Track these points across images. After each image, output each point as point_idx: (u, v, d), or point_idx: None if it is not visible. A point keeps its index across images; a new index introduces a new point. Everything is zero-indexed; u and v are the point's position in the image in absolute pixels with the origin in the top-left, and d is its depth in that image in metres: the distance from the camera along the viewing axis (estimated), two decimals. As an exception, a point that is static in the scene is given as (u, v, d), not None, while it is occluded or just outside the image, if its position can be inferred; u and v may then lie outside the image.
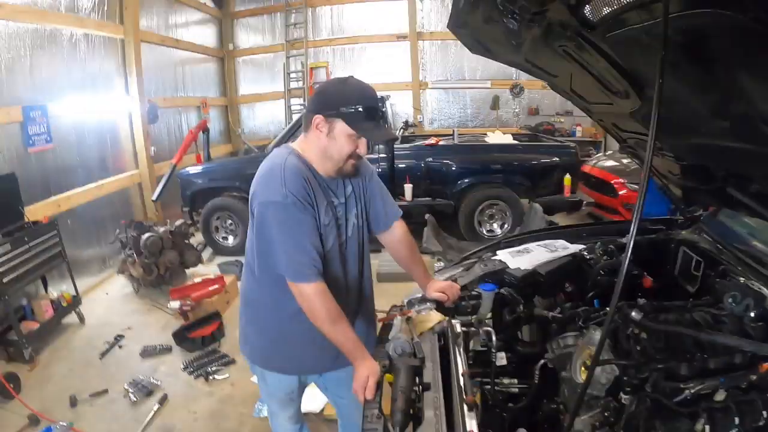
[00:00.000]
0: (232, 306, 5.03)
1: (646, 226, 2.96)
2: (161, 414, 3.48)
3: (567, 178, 6.50)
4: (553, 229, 3.12)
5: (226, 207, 6.66)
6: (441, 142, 7.03)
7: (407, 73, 10.54)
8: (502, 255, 2.57)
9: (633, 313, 1.80)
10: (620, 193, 6.56)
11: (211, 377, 3.89)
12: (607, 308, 2.04)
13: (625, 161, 6.80)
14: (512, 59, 2.33)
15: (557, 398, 2.10)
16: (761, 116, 1.52)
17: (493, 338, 2.08)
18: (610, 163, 7.27)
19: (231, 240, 6.79)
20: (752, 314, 1.92)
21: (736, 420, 1.56)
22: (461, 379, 1.72)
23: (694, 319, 1.89)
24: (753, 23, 1.05)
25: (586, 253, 2.54)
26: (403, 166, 6.66)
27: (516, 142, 7.30)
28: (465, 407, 1.58)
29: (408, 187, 6.54)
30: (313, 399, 3.27)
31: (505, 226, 6.62)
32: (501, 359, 2.10)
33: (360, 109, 1.79)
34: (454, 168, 6.67)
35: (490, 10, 1.79)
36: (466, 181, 6.63)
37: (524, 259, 2.50)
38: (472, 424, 1.52)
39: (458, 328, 2.05)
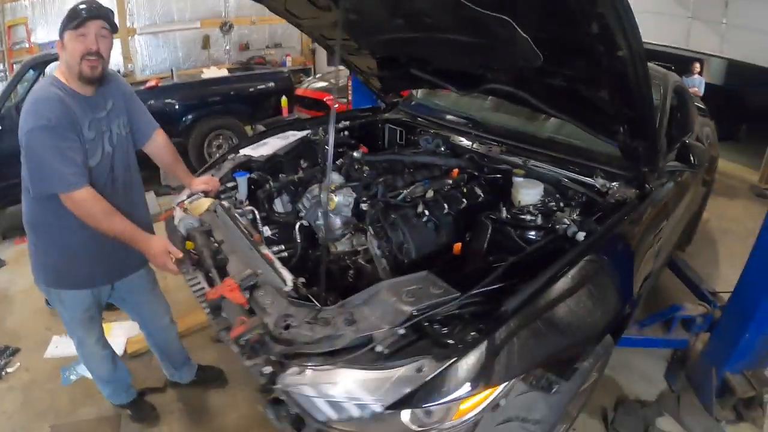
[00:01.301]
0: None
1: (356, 114, 3.75)
2: (-25, 432, 3.12)
3: (284, 99, 7.12)
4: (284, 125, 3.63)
5: None
6: (161, 84, 7.01)
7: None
8: (246, 150, 3.07)
9: (355, 154, 2.61)
10: (333, 107, 7.42)
11: (3, 373, 3.54)
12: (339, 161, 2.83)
13: (333, 81, 7.67)
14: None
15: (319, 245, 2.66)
16: (422, 11, 2.29)
17: (256, 214, 2.59)
18: (321, 84, 8.13)
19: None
20: (443, 148, 2.98)
21: (446, 206, 2.45)
22: (245, 230, 2.23)
23: (400, 154, 2.84)
24: None
25: (311, 136, 3.24)
26: None
27: (231, 74, 7.64)
28: (254, 242, 2.12)
29: (135, 134, 6.42)
30: (115, 346, 3.35)
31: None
32: (267, 232, 2.59)
33: (72, 13, 2.08)
34: (176, 106, 6.74)
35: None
36: (190, 117, 6.76)
37: (265, 148, 3.07)
38: (265, 250, 2.08)
39: (227, 204, 2.53)
